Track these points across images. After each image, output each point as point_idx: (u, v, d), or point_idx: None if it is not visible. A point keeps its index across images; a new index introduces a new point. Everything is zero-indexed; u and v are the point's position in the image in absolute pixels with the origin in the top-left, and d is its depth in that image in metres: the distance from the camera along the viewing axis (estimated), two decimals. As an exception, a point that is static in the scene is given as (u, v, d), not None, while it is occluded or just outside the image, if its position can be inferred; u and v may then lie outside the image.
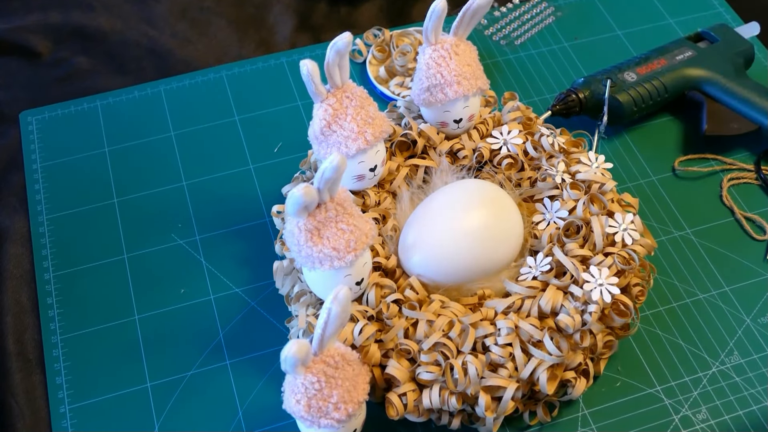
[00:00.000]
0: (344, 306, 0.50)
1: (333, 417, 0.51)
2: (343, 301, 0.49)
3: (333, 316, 0.50)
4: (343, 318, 0.50)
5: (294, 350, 0.49)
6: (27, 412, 0.61)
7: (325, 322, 0.50)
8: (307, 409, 0.51)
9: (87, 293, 0.67)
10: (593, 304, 0.58)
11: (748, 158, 0.76)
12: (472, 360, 0.56)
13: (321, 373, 0.51)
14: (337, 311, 0.49)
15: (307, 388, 0.51)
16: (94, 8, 0.88)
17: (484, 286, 0.61)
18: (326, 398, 0.51)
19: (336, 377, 0.51)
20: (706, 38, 0.81)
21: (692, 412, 0.61)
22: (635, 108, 0.75)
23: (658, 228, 0.71)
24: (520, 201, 0.66)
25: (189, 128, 0.78)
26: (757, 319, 0.66)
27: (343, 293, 0.49)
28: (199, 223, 0.71)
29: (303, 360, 0.50)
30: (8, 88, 0.81)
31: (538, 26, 0.87)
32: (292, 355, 0.49)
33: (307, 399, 0.51)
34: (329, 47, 0.58)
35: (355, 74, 0.83)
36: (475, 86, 0.65)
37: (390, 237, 0.63)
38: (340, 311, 0.50)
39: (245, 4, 0.89)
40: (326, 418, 0.51)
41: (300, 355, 0.49)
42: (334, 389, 0.51)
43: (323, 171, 0.52)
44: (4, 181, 0.75)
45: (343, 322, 0.51)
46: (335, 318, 0.50)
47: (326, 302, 0.50)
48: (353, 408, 0.52)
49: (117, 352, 0.64)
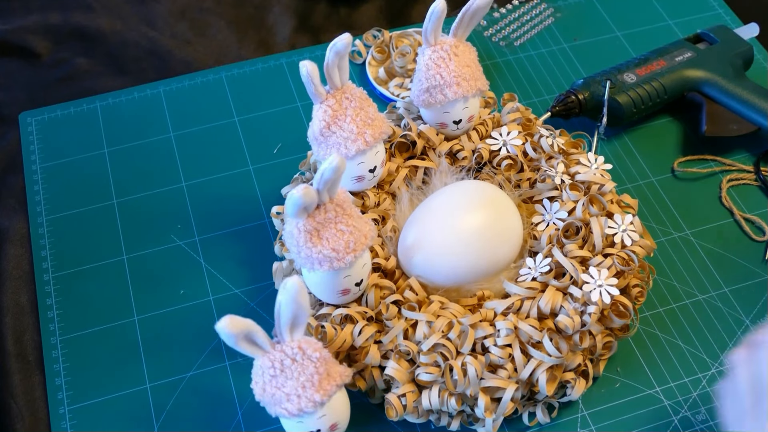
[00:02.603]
0: (293, 295, 0.50)
1: (284, 407, 0.51)
2: (291, 290, 0.50)
3: (283, 305, 0.50)
4: (295, 308, 0.50)
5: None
6: (26, 413, 0.61)
7: (277, 312, 0.51)
8: (262, 393, 0.52)
9: (86, 294, 0.67)
10: (592, 305, 0.58)
11: (748, 159, 0.76)
12: (472, 361, 0.56)
13: (277, 361, 0.51)
14: (285, 300, 0.50)
15: (263, 371, 0.52)
16: (94, 9, 0.88)
17: (484, 287, 0.61)
18: (279, 387, 0.51)
19: (292, 369, 0.51)
20: (706, 39, 0.81)
21: (691, 413, 0.62)
22: (635, 109, 0.75)
23: (657, 229, 0.72)
24: (519, 202, 0.66)
25: (188, 129, 0.78)
26: (757, 320, 0.66)
27: (291, 283, 0.50)
28: (199, 224, 0.71)
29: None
30: (8, 89, 0.81)
31: (537, 27, 0.87)
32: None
33: (262, 382, 0.52)
34: (329, 48, 0.58)
35: (355, 75, 0.83)
36: (474, 87, 0.65)
37: (389, 238, 0.63)
38: (289, 300, 0.50)
39: (245, 5, 0.89)
40: (278, 407, 0.52)
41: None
42: (289, 380, 0.51)
43: (323, 172, 0.52)
44: (3, 182, 0.75)
45: (296, 311, 0.51)
46: (286, 307, 0.50)
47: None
48: (306, 405, 0.51)
49: (116, 353, 0.64)
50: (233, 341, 0.50)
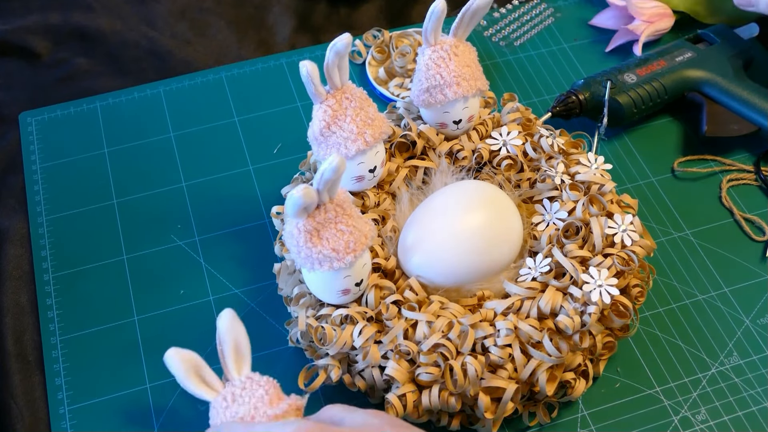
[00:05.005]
0: (228, 326, 0.51)
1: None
2: (225, 320, 0.51)
3: (221, 335, 0.51)
4: (234, 337, 0.51)
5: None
6: (26, 413, 0.61)
7: (219, 344, 0.51)
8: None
9: (86, 294, 0.67)
10: (592, 305, 0.58)
11: (748, 159, 0.76)
12: (472, 361, 0.56)
13: (228, 394, 0.51)
14: (223, 329, 0.51)
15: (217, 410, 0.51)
16: (94, 9, 0.88)
17: (484, 287, 0.61)
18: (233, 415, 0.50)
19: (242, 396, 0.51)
20: (706, 39, 0.81)
21: (691, 413, 0.62)
22: (635, 109, 0.75)
23: (657, 229, 0.72)
24: (519, 202, 0.66)
25: (188, 129, 0.78)
26: (756, 320, 0.66)
27: (225, 313, 0.51)
28: (199, 224, 0.71)
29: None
30: (8, 89, 0.81)
31: (537, 27, 0.87)
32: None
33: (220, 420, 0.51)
34: (329, 48, 0.58)
35: (355, 75, 0.83)
36: (474, 87, 0.65)
37: (389, 238, 0.63)
38: (226, 329, 0.51)
39: (245, 5, 0.89)
40: None
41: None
42: (241, 406, 0.51)
43: (323, 172, 0.52)
44: (3, 182, 0.75)
45: (236, 341, 0.51)
46: (225, 336, 0.51)
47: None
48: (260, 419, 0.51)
49: (116, 353, 0.64)
50: (182, 374, 0.51)
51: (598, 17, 0.86)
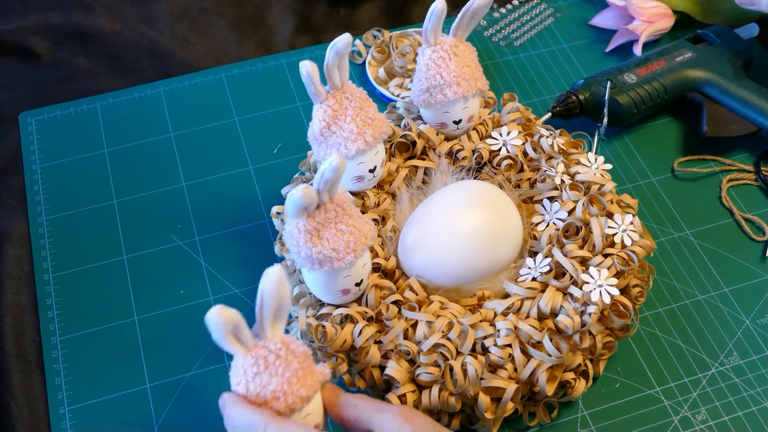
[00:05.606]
0: (276, 284, 0.48)
1: (272, 406, 0.49)
2: (274, 278, 0.48)
3: (266, 294, 0.48)
4: (278, 297, 0.48)
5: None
6: (26, 413, 0.61)
7: (260, 303, 0.48)
8: (245, 393, 0.49)
9: (86, 294, 0.67)
10: (592, 305, 0.58)
11: (747, 159, 0.76)
12: (472, 361, 0.56)
13: (261, 358, 0.49)
14: (269, 289, 0.48)
15: (245, 370, 0.49)
16: (94, 9, 0.88)
17: (484, 287, 0.61)
18: (264, 385, 0.49)
19: (276, 366, 0.49)
20: (706, 39, 0.81)
21: (691, 413, 0.61)
22: (635, 109, 0.75)
23: (657, 229, 0.72)
24: (519, 202, 0.66)
25: (188, 129, 0.78)
26: (756, 320, 0.66)
27: (273, 271, 0.48)
28: (199, 224, 0.71)
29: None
30: (8, 89, 0.81)
31: (537, 27, 0.87)
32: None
33: (245, 382, 0.49)
34: (329, 48, 0.58)
35: (355, 75, 0.83)
36: (474, 87, 0.65)
37: (389, 238, 0.63)
38: (272, 289, 0.48)
39: (245, 5, 0.89)
40: (265, 407, 0.49)
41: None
42: (274, 377, 0.49)
43: (323, 172, 0.52)
44: (3, 182, 0.75)
45: (279, 302, 0.49)
46: (269, 297, 0.48)
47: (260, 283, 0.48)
48: (293, 401, 0.49)
49: (116, 353, 0.64)
50: (221, 333, 0.48)
51: (598, 17, 0.86)
